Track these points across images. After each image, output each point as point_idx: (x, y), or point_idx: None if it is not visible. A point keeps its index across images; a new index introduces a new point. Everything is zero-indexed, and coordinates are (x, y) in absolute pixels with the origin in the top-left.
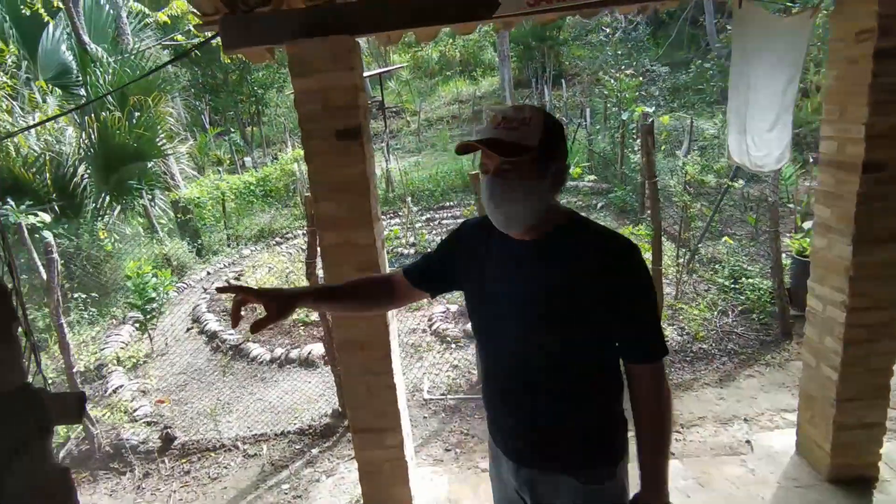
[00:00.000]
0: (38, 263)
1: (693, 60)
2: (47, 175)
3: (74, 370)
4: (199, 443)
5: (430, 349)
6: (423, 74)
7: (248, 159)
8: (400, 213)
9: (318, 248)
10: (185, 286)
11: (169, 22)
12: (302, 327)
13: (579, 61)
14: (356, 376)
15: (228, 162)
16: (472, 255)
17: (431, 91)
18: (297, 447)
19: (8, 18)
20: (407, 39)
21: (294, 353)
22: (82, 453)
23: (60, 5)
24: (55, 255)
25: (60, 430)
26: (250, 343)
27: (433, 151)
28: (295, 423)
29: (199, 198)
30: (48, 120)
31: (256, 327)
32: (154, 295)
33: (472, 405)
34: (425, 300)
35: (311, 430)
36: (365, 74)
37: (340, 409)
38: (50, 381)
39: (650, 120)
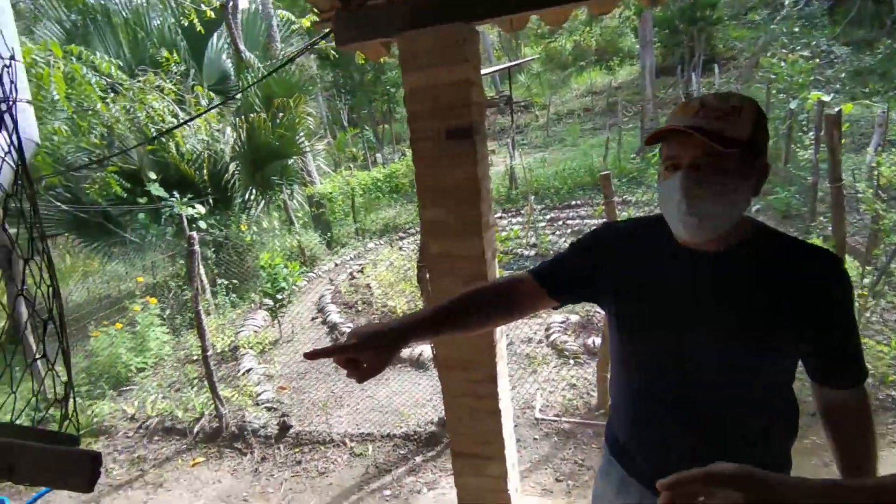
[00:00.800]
0: (198, 251)
1: (879, 40)
2: (205, 171)
3: (210, 353)
4: (311, 434)
5: (545, 363)
6: (556, 66)
7: (378, 156)
8: (522, 212)
9: None
10: (315, 276)
11: (312, 27)
12: None
13: (737, 43)
14: (457, 398)
15: (361, 158)
16: (622, 265)
17: (563, 83)
18: (402, 452)
19: (180, 31)
20: (539, 30)
21: (405, 353)
22: (213, 430)
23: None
24: (197, 248)
25: (196, 405)
26: None
27: (561, 147)
28: (401, 427)
29: (331, 192)
30: (186, 122)
31: (362, 379)
32: (284, 284)
33: (589, 432)
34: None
35: (415, 437)
36: (494, 69)
37: (446, 419)
38: (179, 370)
39: (836, 109)
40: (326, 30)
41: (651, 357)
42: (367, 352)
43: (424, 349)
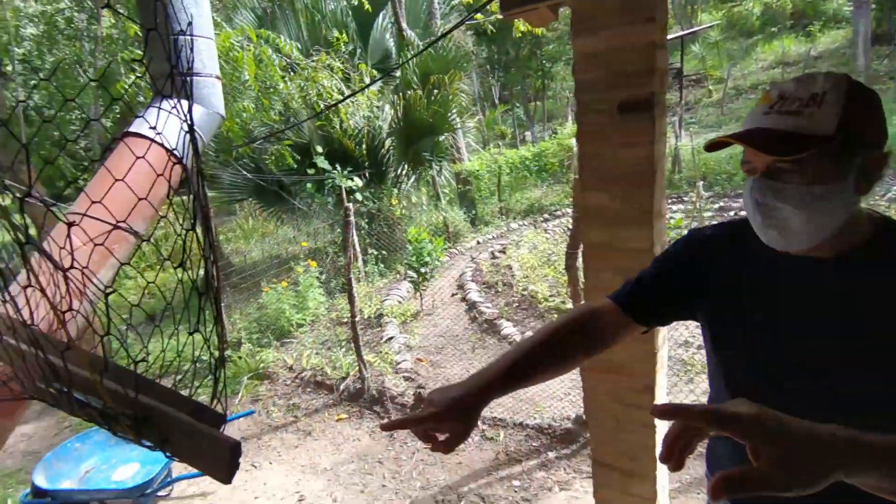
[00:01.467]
0: (351, 219)
1: None
2: (364, 146)
3: (358, 318)
4: None
5: (704, 371)
6: (738, 34)
7: (528, 134)
8: (686, 199)
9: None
10: (457, 252)
11: (471, 1)
12: (555, 313)
13: None
14: (603, 403)
15: (510, 136)
16: (718, 278)
17: (746, 53)
18: (534, 444)
19: (350, 13)
20: None
21: None
22: (356, 390)
23: None
24: (352, 218)
25: (343, 364)
26: (503, 320)
27: (738, 126)
28: (535, 418)
29: (478, 170)
30: (347, 98)
31: (449, 450)
32: (428, 259)
33: None
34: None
35: (549, 431)
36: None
37: (585, 419)
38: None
39: None
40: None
41: (744, 383)
42: (449, 422)
43: None
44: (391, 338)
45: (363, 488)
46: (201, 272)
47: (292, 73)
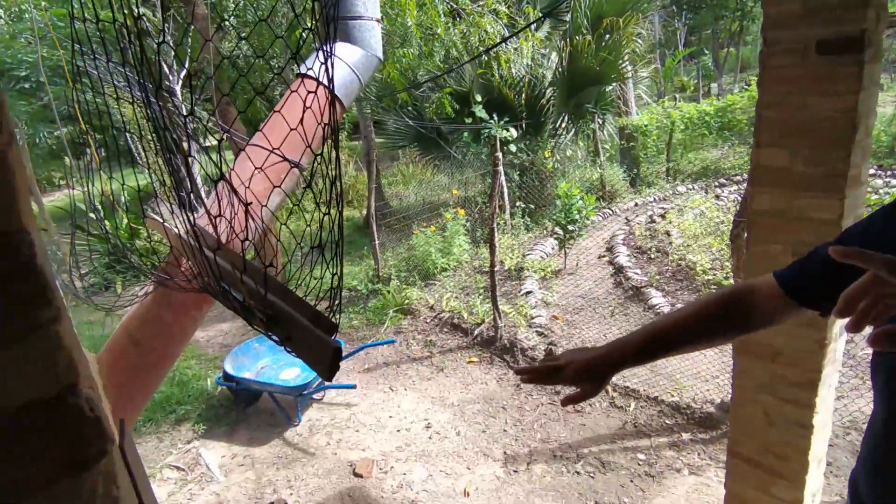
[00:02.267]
0: (501, 171)
1: None
2: (523, 96)
3: (497, 269)
4: None
5: None
6: None
7: (714, 85)
8: None
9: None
10: (611, 213)
11: None
12: (715, 288)
13: None
14: (753, 391)
15: (692, 88)
16: None
17: None
18: (667, 422)
19: None
20: None
21: None
22: (489, 337)
23: None
24: (500, 169)
25: (479, 311)
26: (652, 289)
27: None
28: (673, 395)
29: (646, 125)
30: (504, 41)
31: (568, 401)
32: (576, 216)
33: None
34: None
35: (687, 411)
36: None
37: (730, 409)
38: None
39: None
40: None
41: None
42: (581, 382)
43: None
44: (529, 292)
45: (485, 428)
46: (363, 212)
47: (457, 20)
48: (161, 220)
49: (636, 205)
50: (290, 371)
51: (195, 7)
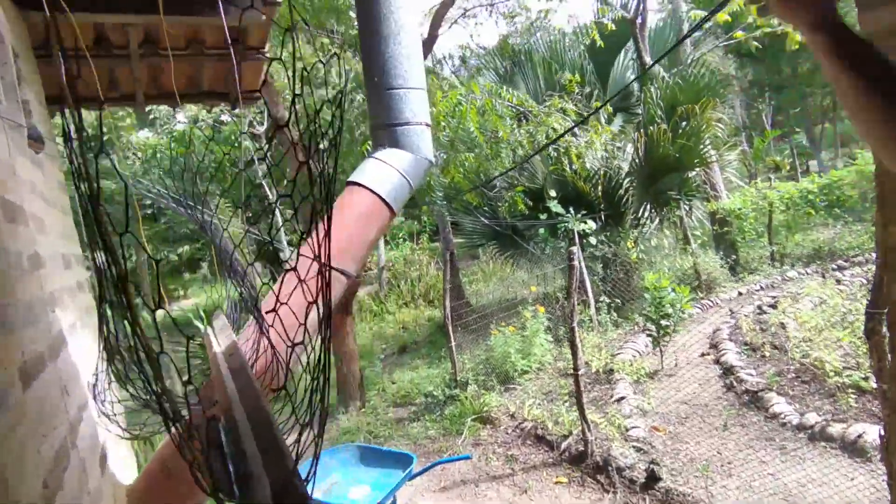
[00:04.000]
0: (583, 265)
1: None
2: (600, 188)
3: (583, 371)
4: (684, 497)
5: None
6: None
7: (812, 163)
8: None
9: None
10: (711, 304)
11: (730, 20)
12: (853, 394)
13: None
14: None
15: (787, 167)
16: None
17: None
18: None
19: (587, 56)
20: None
21: (835, 429)
22: (578, 452)
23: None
24: (576, 263)
25: (566, 421)
26: (773, 393)
27: None
28: None
29: (740, 208)
30: (570, 130)
31: None
32: (670, 310)
33: None
34: None
35: None
36: None
37: None
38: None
39: None
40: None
41: None
42: None
43: (866, 431)
44: (622, 398)
45: None
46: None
47: (524, 122)
48: (212, 336)
49: (740, 294)
50: (360, 489)
51: (286, 136)
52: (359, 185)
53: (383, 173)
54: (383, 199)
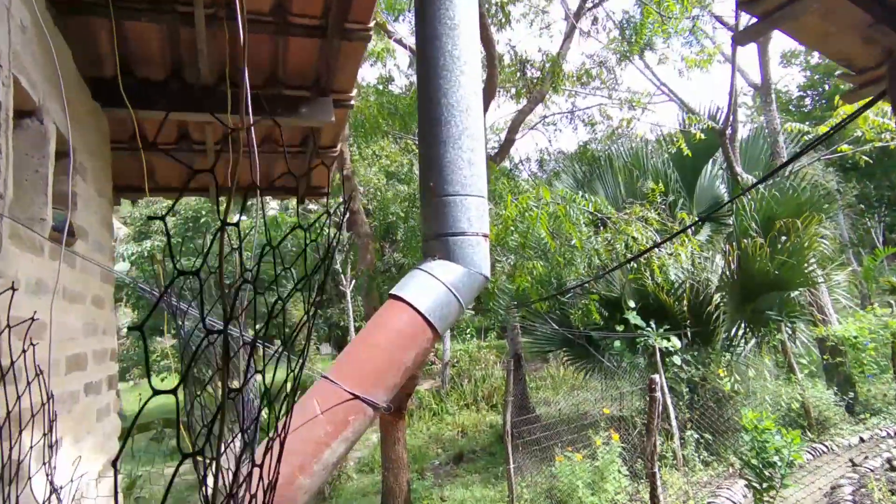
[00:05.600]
0: (665, 389)
1: None
2: (685, 302)
3: None
4: None
5: None
6: None
7: None
8: None
9: None
10: (825, 450)
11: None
12: None
13: None
14: None
15: None
16: None
17: None
18: None
19: (672, 164)
20: None
21: None
22: None
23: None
24: (658, 395)
25: None
26: None
27: None
28: None
29: (856, 337)
30: (657, 245)
31: None
32: (776, 459)
33: None
34: None
35: None
36: None
37: None
38: None
39: None
40: (868, 99)
41: None
42: None
43: None
44: None
45: None
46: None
47: (602, 229)
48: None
49: (862, 440)
50: None
51: (361, 227)
52: (400, 299)
53: (429, 288)
54: (426, 319)
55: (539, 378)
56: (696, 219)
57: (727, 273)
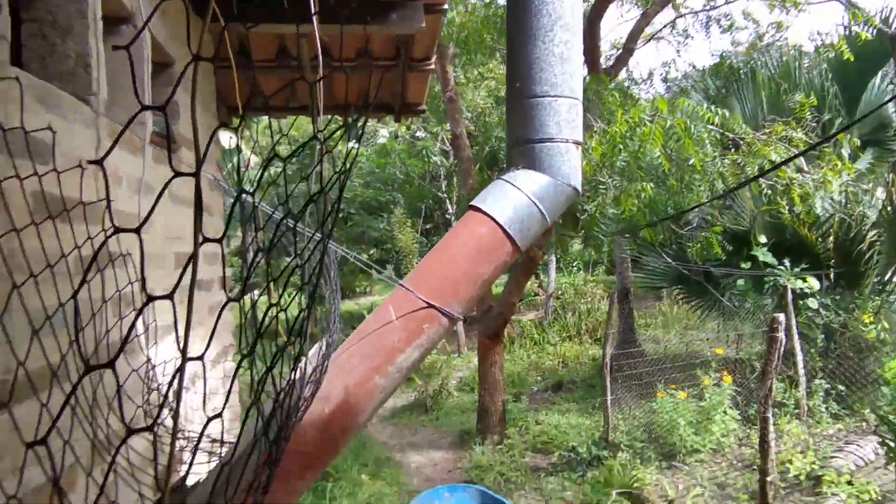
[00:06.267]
0: (796, 335)
1: None
2: (831, 238)
3: (772, 477)
4: None
5: None
6: None
7: None
8: None
9: None
10: None
11: None
12: None
13: None
14: None
15: None
16: None
17: None
18: None
19: (830, 77)
20: None
21: None
22: None
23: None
24: (781, 335)
25: None
26: None
27: None
28: None
29: None
30: (779, 165)
31: None
32: None
33: None
34: None
35: None
36: None
37: None
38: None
39: None
40: None
41: None
42: None
43: None
44: None
45: None
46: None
47: (733, 150)
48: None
49: None
50: None
51: (463, 151)
52: (479, 210)
53: (510, 199)
54: (506, 231)
55: (650, 315)
56: (855, 138)
57: (888, 208)
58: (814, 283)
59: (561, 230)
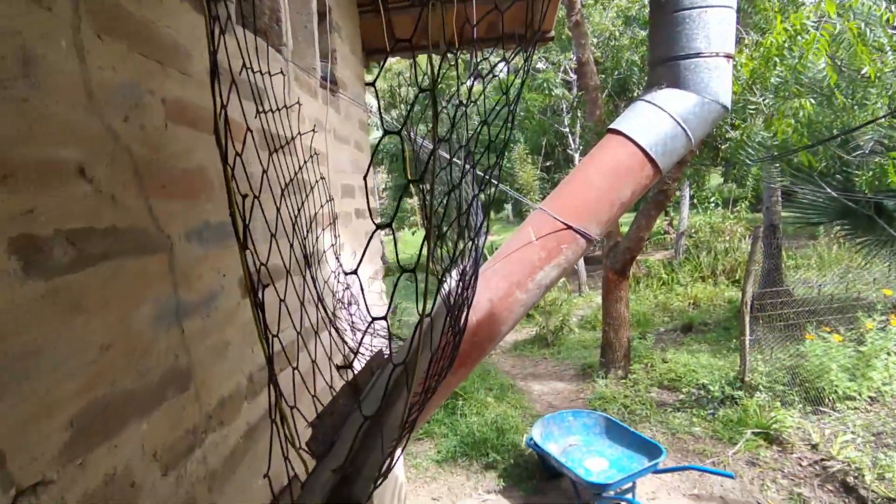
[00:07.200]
0: None
1: None
2: None
3: None
4: None
5: None
6: None
7: None
8: None
9: None
10: None
11: None
12: None
13: None
14: None
15: None
16: None
17: None
18: None
19: None
20: None
21: None
22: None
23: None
24: None
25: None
26: None
27: None
28: None
29: None
30: None
31: None
32: None
33: None
34: None
35: None
36: None
37: None
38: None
39: None
40: None
41: None
42: None
43: None
44: None
45: None
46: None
47: None
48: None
49: None
50: (597, 461)
51: (590, 79)
52: (619, 133)
53: (652, 120)
54: (646, 153)
55: (801, 256)
56: None
57: None
58: None
59: (698, 161)
